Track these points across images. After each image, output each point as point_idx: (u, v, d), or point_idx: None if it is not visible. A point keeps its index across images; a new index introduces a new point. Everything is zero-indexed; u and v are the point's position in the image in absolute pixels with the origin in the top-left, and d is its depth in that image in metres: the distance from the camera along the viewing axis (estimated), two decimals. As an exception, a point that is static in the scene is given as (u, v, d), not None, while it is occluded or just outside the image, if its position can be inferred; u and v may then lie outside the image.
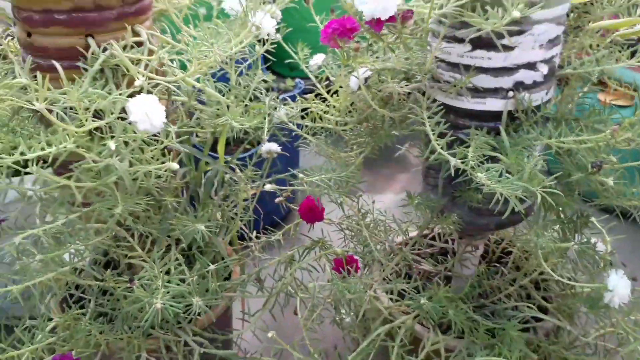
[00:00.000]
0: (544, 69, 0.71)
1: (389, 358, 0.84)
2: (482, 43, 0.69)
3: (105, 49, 0.67)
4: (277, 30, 0.81)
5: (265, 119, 0.86)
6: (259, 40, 0.81)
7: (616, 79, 0.90)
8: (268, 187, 0.88)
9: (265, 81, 0.91)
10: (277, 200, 0.95)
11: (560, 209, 0.83)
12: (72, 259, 0.72)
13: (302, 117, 0.92)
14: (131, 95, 0.64)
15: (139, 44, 0.71)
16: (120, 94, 0.64)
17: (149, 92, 0.67)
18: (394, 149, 0.97)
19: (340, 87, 0.88)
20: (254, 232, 1.02)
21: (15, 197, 0.98)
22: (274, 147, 0.93)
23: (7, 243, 0.69)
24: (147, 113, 0.62)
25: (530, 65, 0.70)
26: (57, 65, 0.64)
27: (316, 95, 0.93)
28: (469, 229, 0.85)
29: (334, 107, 0.90)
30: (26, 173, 0.69)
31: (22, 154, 0.60)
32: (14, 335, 0.83)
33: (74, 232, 0.72)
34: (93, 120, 0.62)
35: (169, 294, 0.70)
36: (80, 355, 0.76)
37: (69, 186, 0.67)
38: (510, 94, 0.71)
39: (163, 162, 0.69)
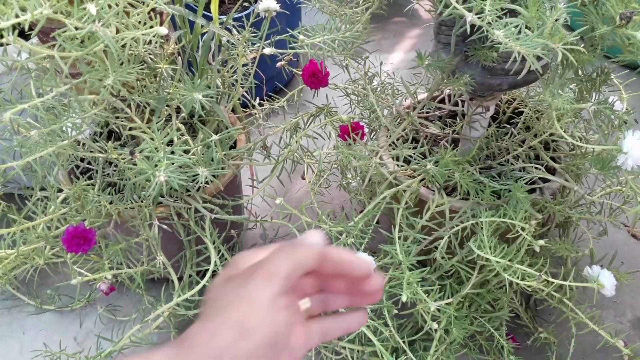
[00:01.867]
0: None
1: (394, 219, 0.86)
2: None
3: None
4: None
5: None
6: None
7: None
8: (267, 50, 0.83)
9: None
10: (278, 64, 0.89)
11: (580, 66, 0.77)
12: (70, 132, 0.70)
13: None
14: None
15: None
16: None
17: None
18: (404, 3, 0.89)
19: None
20: (257, 99, 0.98)
21: (2, 70, 0.94)
22: (272, 4, 0.84)
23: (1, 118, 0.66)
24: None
25: None
26: None
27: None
28: (480, 89, 0.81)
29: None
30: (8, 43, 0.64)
31: (-5, 22, 0.55)
32: (28, 207, 0.84)
33: (68, 105, 0.69)
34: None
35: (173, 165, 0.69)
36: (93, 225, 0.78)
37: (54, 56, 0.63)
38: None
39: (151, 27, 0.64)
